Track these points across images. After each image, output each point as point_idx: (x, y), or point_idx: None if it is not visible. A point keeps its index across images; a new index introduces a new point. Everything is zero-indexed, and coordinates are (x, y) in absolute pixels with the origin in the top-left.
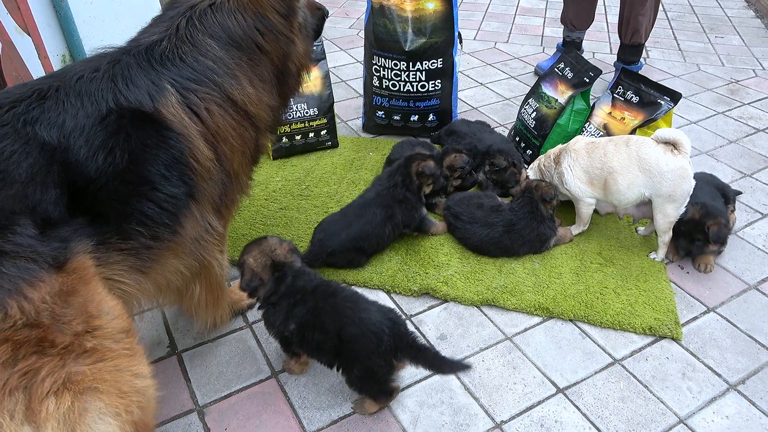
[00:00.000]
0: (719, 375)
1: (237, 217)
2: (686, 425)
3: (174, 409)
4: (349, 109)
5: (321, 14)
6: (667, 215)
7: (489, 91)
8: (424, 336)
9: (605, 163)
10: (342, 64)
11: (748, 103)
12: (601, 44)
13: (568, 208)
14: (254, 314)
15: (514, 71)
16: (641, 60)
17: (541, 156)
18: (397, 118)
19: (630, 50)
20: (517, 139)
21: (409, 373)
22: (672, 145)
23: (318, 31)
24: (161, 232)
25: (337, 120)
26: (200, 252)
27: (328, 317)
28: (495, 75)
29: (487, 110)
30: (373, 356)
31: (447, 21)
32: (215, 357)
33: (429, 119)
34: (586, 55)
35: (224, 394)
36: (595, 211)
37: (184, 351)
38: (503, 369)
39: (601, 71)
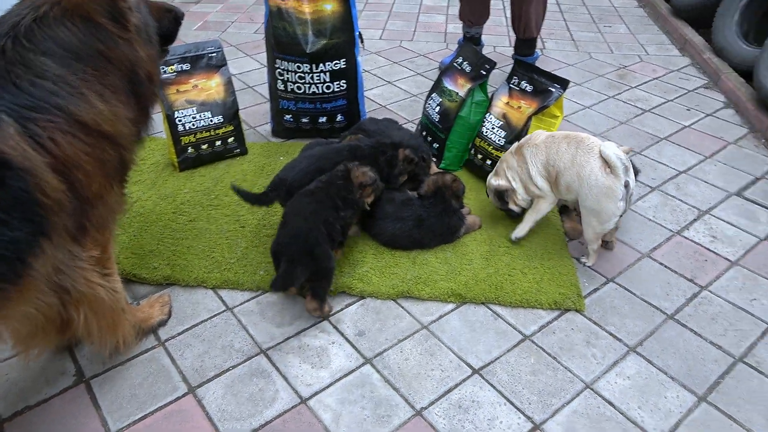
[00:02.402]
0: (620, 340)
1: (143, 234)
2: (592, 390)
3: None
4: (257, 115)
5: (172, 17)
6: (592, 226)
7: (396, 88)
8: (342, 335)
9: (556, 160)
10: (248, 69)
11: (635, 87)
12: (500, 38)
13: (474, 194)
14: (167, 331)
15: (419, 68)
16: (537, 51)
17: (499, 165)
18: (305, 120)
19: (525, 43)
20: (424, 133)
21: (328, 371)
22: (606, 165)
23: (170, 35)
24: (2, 282)
25: (245, 126)
26: (67, 283)
27: None
28: (402, 73)
29: (395, 107)
30: None
31: (346, 21)
32: (126, 380)
33: (337, 120)
34: (487, 50)
35: (138, 416)
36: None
37: (92, 378)
38: (421, 357)
39: (496, 63)
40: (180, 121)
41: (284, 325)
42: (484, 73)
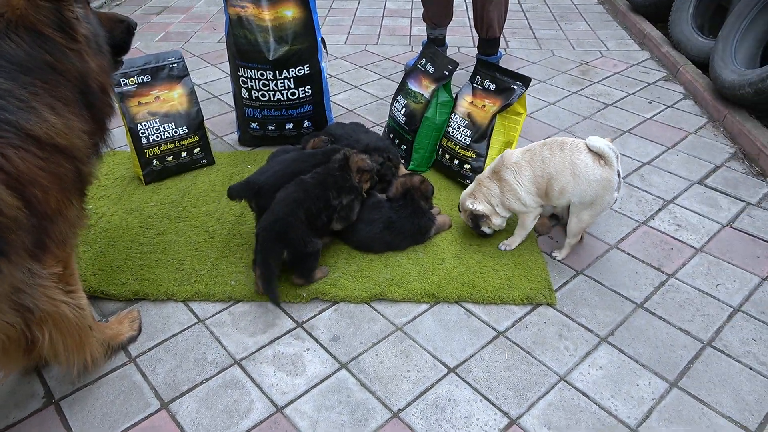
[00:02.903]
0: (591, 330)
1: (110, 249)
2: (566, 381)
3: None
4: (224, 124)
5: (125, 27)
6: (582, 221)
7: (363, 92)
8: (316, 341)
9: (544, 169)
10: (213, 79)
11: (597, 82)
12: (464, 39)
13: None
14: (137, 347)
15: (385, 71)
16: (500, 50)
17: (469, 188)
18: (271, 128)
19: (488, 43)
20: (392, 136)
21: (304, 378)
22: (599, 156)
23: (124, 46)
24: None
25: (211, 136)
26: (29, 302)
27: None
28: (368, 76)
29: (362, 111)
30: None
31: (307, 27)
32: (97, 399)
33: (304, 126)
34: (451, 50)
35: None
36: (463, 188)
37: (62, 399)
38: (396, 359)
39: (458, 63)
40: (143, 133)
41: (257, 334)
42: (447, 73)
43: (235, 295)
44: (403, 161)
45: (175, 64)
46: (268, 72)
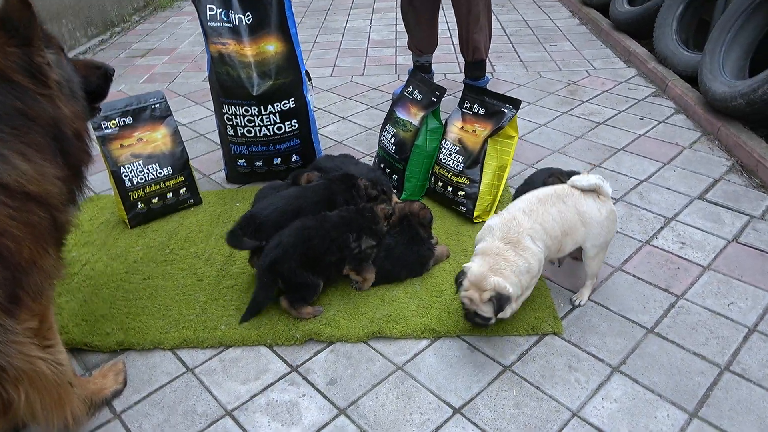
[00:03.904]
0: (602, 360)
1: (94, 298)
2: (580, 417)
3: None
4: (211, 162)
5: (101, 73)
6: (601, 259)
7: (351, 123)
8: (312, 385)
9: (558, 227)
10: (199, 118)
11: (586, 101)
12: (450, 65)
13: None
14: (123, 401)
15: (373, 101)
16: (487, 75)
17: (482, 263)
18: (259, 164)
19: (474, 66)
20: (382, 165)
21: (300, 428)
22: (595, 192)
23: (100, 92)
24: None
25: (199, 175)
26: (2, 361)
27: None
28: (355, 107)
29: (351, 142)
30: None
31: (290, 60)
32: None
33: (293, 160)
34: (437, 77)
35: None
36: (458, 216)
37: None
38: (398, 401)
39: (446, 89)
40: (126, 176)
41: (250, 381)
42: (435, 100)
43: (226, 340)
44: (395, 191)
45: (158, 105)
46: (252, 108)
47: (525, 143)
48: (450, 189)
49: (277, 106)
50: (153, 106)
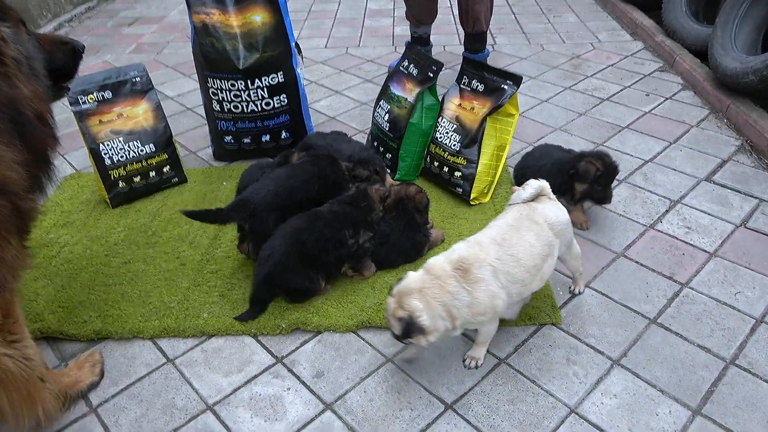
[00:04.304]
0: (602, 353)
1: (72, 283)
2: (578, 414)
3: None
4: (198, 138)
5: (69, 50)
6: (577, 251)
7: (345, 98)
8: (298, 378)
9: (539, 253)
10: (187, 90)
11: (590, 76)
12: (450, 37)
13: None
14: (99, 394)
15: (368, 74)
16: (488, 47)
17: (416, 278)
18: (247, 141)
19: (474, 38)
20: (376, 144)
21: (284, 424)
22: (543, 195)
23: (69, 70)
24: None
25: (185, 152)
26: None
27: None
28: (349, 81)
29: (344, 118)
30: None
31: (279, 32)
32: None
33: (282, 137)
34: (436, 49)
35: None
36: (454, 198)
37: None
38: (387, 396)
39: (443, 64)
40: (106, 154)
41: (232, 373)
42: (432, 75)
43: (208, 329)
44: (389, 171)
45: (138, 78)
46: (239, 82)
47: (525, 120)
48: (446, 169)
49: (265, 80)
50: (134, 80)
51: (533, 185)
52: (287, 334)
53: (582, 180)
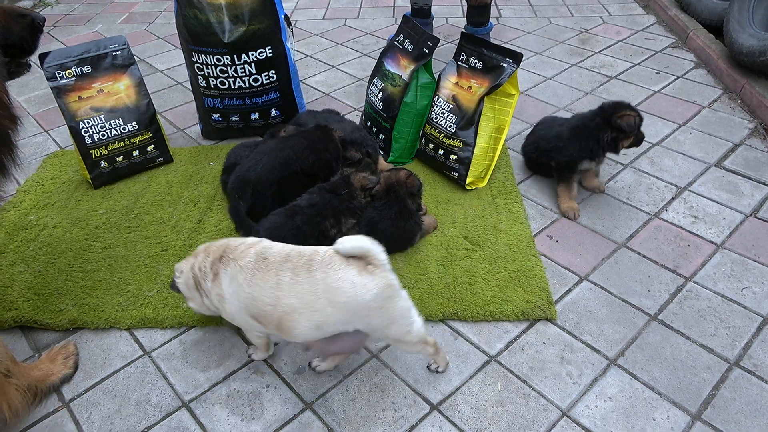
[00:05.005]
0: (598, 351)
1: (50, 268)
2: (570, 418)
3: None
4: (187, 115)
5: (27, 23)
6: (409, 333)
7: (341, 72)
8: (278, 374)
9: (279, 298)
10: (178, 63)
11: (598, 52)
12: (453, 8)
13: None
14: (73, 387)
15: (366, 48)
16: (491, 21)
17: (199, 251)
18: (235, 119)
19: (477, 11)
20: (369, 123)
21: (262, 424)
22: (361, 260)
23: (27, 44)
24: None
25: (173, 129)
26: None
27: None
28: (346, 55)
29: (339, 95)
30: None
31: (266, 4)
32: None
33: (272, 115)
34: (438, 22)
35: None
36: (449, 182)
37: None
38: (370, 395)
39: (439, 39)
40: (86, 132)
41: (211, 367)
42: (427, 51)
43: (187, 320)
44: (382, 153)
45: (119, 52)
46: (224, 57)
47: (528, 99)
48: (441, 152)
49: (252, 55)
50: (114, 53)
51: (357, 241)
52: None
53: (629, 134)
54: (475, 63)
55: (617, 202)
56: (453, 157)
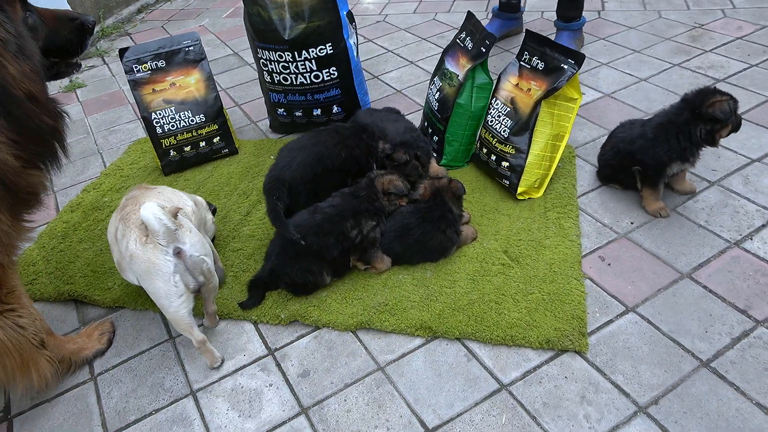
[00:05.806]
0: (627, 395)
1: (109, 249)
2: None
3: None
4: (263, 108)
5: (75, 26)
6: (166, 312)
7: (417, 69)
8: (284, 375)
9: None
10: None
11: (710, 50)
12: (550, 1)
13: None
14: (103, 363)
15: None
16: (586, 14)
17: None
18: (298, 114)
19: (569, 3)
20: (426, 124)
21: (255, 423)
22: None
23: (70, 48)
24: None
25: (247, 121)
26: None
27: None
28: (428, 50)
29: (411, 92)
30: None
31: (328, 1)
32: (48, 420)
33: (334, 111)
34: (532, 16)
35: None
36: (501, 190)
37: (17, 415)
38: (367, 409)
39: (496, 38)
40: (158, 122)
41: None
42: (484, 50)
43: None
44: (435, 155)
45: (192, 47)
46: (286, 53)
47: (612, 101)
48: (494, 158)
49: (313, 51)
50: (187, 49)
51: (153, 213)
52: (285, 326)
53: (725, 122)
54: (537, 63)
55: (691, 225)
56: (505, 163)
